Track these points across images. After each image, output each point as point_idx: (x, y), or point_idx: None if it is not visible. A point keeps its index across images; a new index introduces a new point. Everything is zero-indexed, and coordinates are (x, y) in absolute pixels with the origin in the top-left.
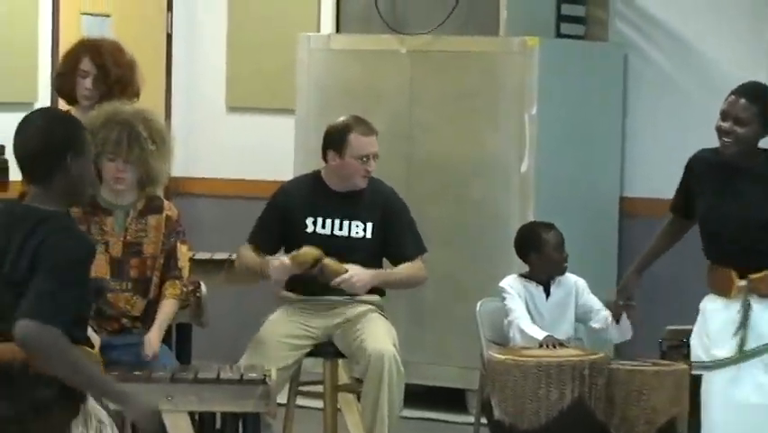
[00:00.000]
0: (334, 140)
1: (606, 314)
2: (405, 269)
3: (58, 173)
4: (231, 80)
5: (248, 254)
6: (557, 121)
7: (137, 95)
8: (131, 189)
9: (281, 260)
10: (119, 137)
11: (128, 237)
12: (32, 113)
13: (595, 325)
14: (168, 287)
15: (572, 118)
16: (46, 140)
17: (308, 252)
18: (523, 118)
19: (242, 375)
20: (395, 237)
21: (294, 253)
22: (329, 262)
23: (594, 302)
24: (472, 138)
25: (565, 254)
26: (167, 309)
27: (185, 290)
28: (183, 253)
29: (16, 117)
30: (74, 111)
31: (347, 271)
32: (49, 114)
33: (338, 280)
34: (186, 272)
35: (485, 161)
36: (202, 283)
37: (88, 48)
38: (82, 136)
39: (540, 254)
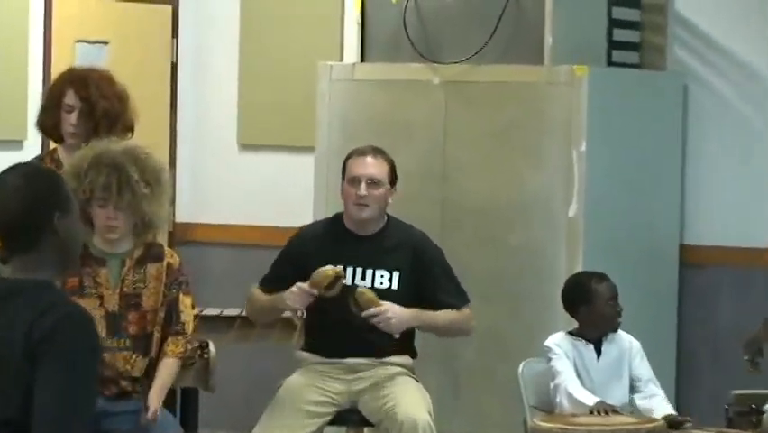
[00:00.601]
0: (342, 169)
1: (655, 397)
2: (451, 313)
3: (45, 238)
4: (243, 115)
5: (259, 293)
6: (609, 159)
7: (130, 130)
8: (126, 237)
9: (298, 285)
10: (107, 181)
11: (125, 289)
12: (4, 172)
13: (641, 402)
14: (169, 344)
15: (626, 156)
16: (28, 202)
17: (325, 270)
18: (570, 156)
19: None
20: (432, 288)
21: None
22: (363, 290)
23: (644, 372)
24: (514, 178)
25: (619, 308)
26: (168, 370)
27: (189, 347)
28: (186, 305)
29: (4, 157)
30: (60, 150)
31: (382, 305)
32: (25, 169)
33: (372, 311)
34: (190, 327)
35: (528, 203)
36: (210, 342)
37: (73, 79)
38: (66, 192)
39: (591, 308)
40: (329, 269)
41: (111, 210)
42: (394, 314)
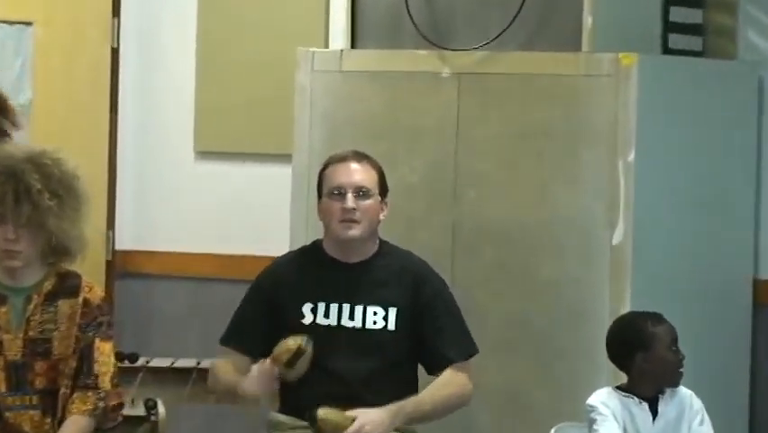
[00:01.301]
0: (318, 183)
1: None
2: (440, 387)
3: None
4: (202, 115)
5: (223, 368)
6: (663, 172)
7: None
8: (32, 265)
9: (256, 366)
10: (1, 191)
11: (30, 332)
12: None
13: None
14: (74, 400)
15: (685, 168)
16: None
17: (285, 342)
18: (615, 167)
19: None
20: (431, 330)
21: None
22: (326, 413)
23: None
24: (543, 196)
25: (681, 355)
26: (69, 429)
27: (101, 405)
28: (103, 353)
29: None
30: None
31: (353, 420)
32: None
33: None
34: (105, 382)
35: (561, 227)
36: (159, 401)
37: None
38: None
39: (648, 355)
40: (289, 340)
41: (9, 229)
42: (372, 426)
